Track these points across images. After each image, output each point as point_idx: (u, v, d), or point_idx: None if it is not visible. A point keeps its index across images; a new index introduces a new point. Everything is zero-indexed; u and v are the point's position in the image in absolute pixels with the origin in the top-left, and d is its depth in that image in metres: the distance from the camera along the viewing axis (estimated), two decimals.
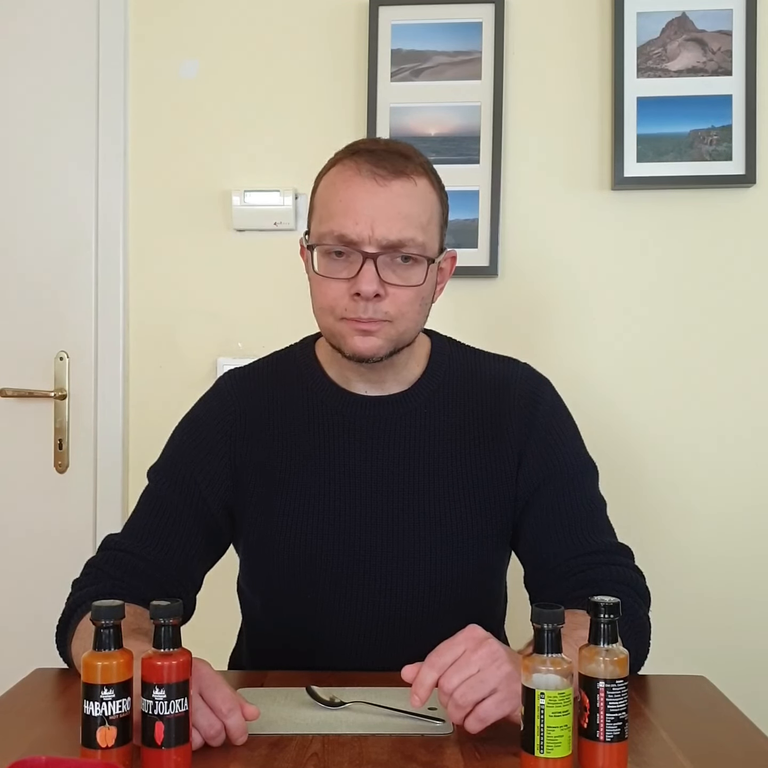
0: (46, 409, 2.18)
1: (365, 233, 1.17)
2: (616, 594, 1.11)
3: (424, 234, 1.20)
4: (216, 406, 1.33)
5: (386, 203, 1.18)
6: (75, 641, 1.16)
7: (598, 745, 0.90)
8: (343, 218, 1.18)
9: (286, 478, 1.27)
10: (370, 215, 1.17)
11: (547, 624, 0.89)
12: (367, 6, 2.06)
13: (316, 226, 1.23)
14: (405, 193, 1.19)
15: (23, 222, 2.18)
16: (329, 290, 1.20)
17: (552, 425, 1.30)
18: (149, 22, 2.13)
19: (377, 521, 1.25)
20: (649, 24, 2.01)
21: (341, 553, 1.25)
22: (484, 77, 2.04)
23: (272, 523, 1.27)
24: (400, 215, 1.18)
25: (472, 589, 1.27)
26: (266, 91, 2.11)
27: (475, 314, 2.06)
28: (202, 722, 0.95)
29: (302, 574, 1.26)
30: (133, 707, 0.90)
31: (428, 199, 1.22)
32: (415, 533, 1.25)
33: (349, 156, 1.23)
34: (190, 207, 2.13)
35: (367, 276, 1.16)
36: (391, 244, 1.17)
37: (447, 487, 1.26)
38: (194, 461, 1.30)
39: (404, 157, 1.22)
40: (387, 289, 1.18)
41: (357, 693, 1.10)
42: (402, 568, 1.25)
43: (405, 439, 1.28)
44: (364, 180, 1.19)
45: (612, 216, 2.05)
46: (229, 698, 0.97)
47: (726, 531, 2.04)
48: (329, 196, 1.22)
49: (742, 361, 2.04)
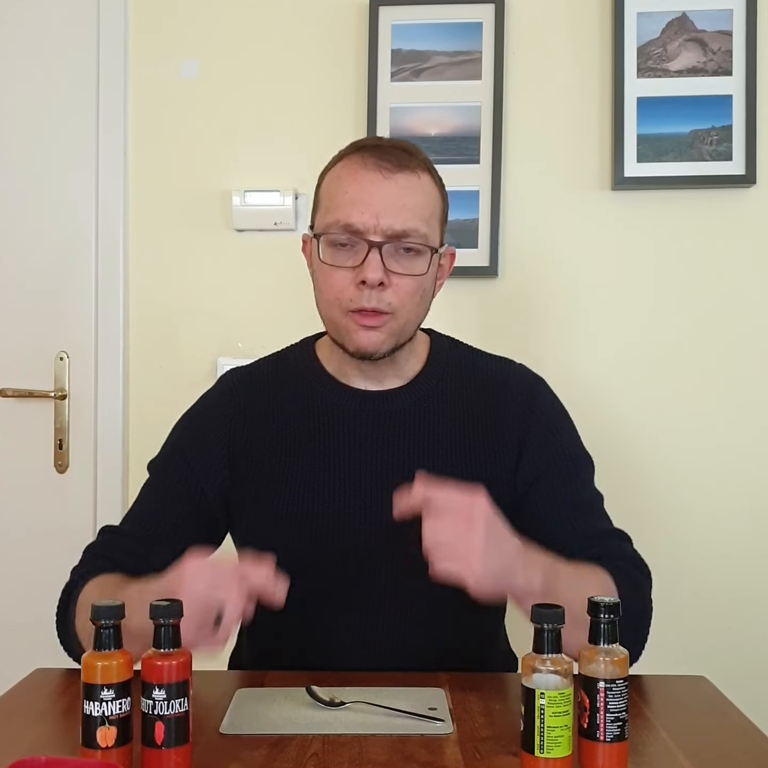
0: (46, 409, 2.18)
1: (371, 223, 1.19)
2: (617, 567, 1.15)
3: (427, 226, 1.23)
4: (216, 401, 1.35)
5: (391, 194, 1.21)
6: (79, 617, 1.18)
7: (598, 746, 0.90)
8: (349, 208, 1.21)
9: (284, 471, 1.28)
10: (376, 205, 1.20)
11: (547, 624, 0.89)
12: (367, 6, 2.06)
13: (321, 217, 1.26)
14: (409, 186, 1.22)
15: (23, 222, 2.18)
16: (335, 280, 1.22)
17: (550, 420, 1.32)
18: (150, 23, 2.13)
19: (377, 514, 1.25)
20: (650, 24, 2.01)
21: (341, 546, 1.25)
22: (484, 77, 2.04)
23: (270, 516, 1.27)
24: (405, 207, 1.21)
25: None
26: (266, 91, 2.11)
27: (474, 314, 2.06)
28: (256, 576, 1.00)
29: (301, 567, 1.26)
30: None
31: (431, 194, 1.25)
32: (413, 525, 1.25)
33: (354, 151, 1.26)
34: (190, 207, 2.13)
35: (373, 264, 1.19)
36: (396, 233, 1.20)
37: (446, 480, 1.26)
38: (192, 452, 1.32)
39: (408, 153, 1.25)
40: (391, 278, 1.20)
41: (357, 693, 1.10)
42: (400, 560, 1.25)
43: (404, 432, 1.28)
44: (369, 172, 1.22)
45: (612, 216, 2.05)
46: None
47: (725, 531, 2.04)
48: (335, 188, 1.25)
49: (742, 362, 2.03)
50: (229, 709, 1.07)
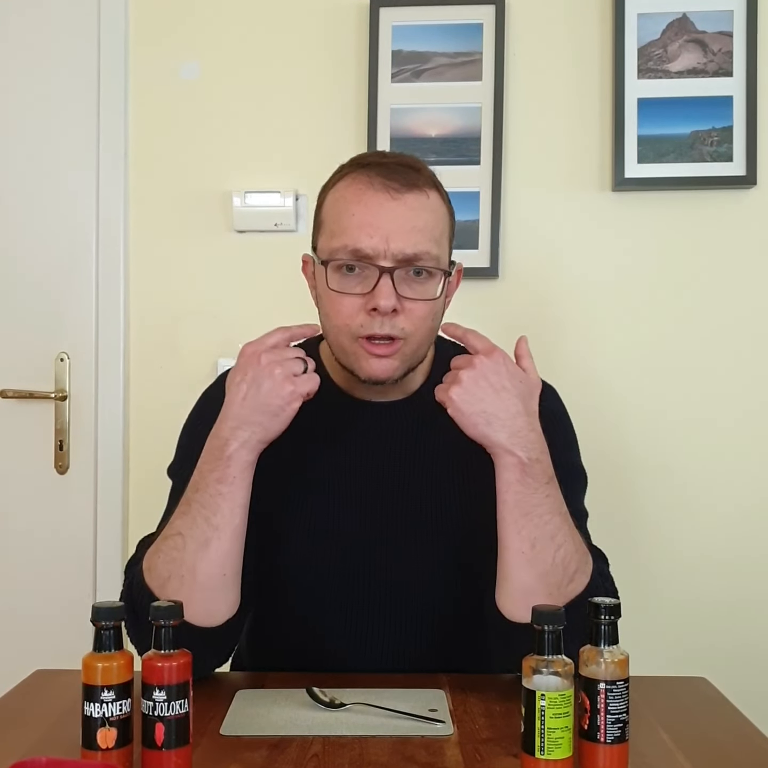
0: (46, 410, 2.18)
1: (381, 247, 1.14)
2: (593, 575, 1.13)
3: (438, 247, 1.19)
4: (218, 398, 1.31)
5: (401, 216, 1.16)
6: (147, 577, 1.14)
7: (599, 747, 0.90)
8: (357, 232, 1.15)
9: (287, 479, 1.27)
10: (385, 229, 1.15)
11: (548, 625, 0.89)
12: (367, 7, 2.06)
13: (326, 242, 1.20)
14: (419, 206, 1.18)
15: (24, 223, 2.18)
16: (343, 307, 1.17)
17: (549, 428, 1.27)
18: (150, 24, 2.13)
19: (378, 526, 1.25)
20: (650, 25, 2.01)
21: (342, 556, 1.25)
22: (484, 78, 2.04)
23: (274, 525, 1.27)
24: (415, 228, 1.16)
25: (480, 596, 1.26)
26: (267, 92, 2.11)
27: (475, 315, 2.03)
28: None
29: (302, 574, 1.26)
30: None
31: (440, 212, 1.21)
32: (415, 536, 1.25)
33: (358, 169, 1.20)
34: (191, 208, 2.13)
35: (385, 291, 1.14)
36: (407, 257, 1.15)
37: (450, 494, 1.26)
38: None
39: (415, 170, 1.20)
40: (403, 303, 1.16)
41: (357, 694, 1.10)
42: (401, 569, 1.25)
43: (407, 444, 1.27)
44: (377, 193, 1.17)
45: (613, 217, 2.05)
46: None
47: (726, 532, 2.04)
48: (340, 211, 1.19)
49: (746, 363, 2.03)
50: (229, 710, 1.07)
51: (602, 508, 1.42)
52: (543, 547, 1.09)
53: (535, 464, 1.11)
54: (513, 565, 1.11)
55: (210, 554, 1.11)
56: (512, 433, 1.10)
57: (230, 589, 1.15)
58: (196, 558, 1.11)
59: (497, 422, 1.10)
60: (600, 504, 1.38)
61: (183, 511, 1.15)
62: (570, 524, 1.13)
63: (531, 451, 1.11)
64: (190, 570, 1.11)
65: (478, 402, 1.10)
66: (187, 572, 1.11)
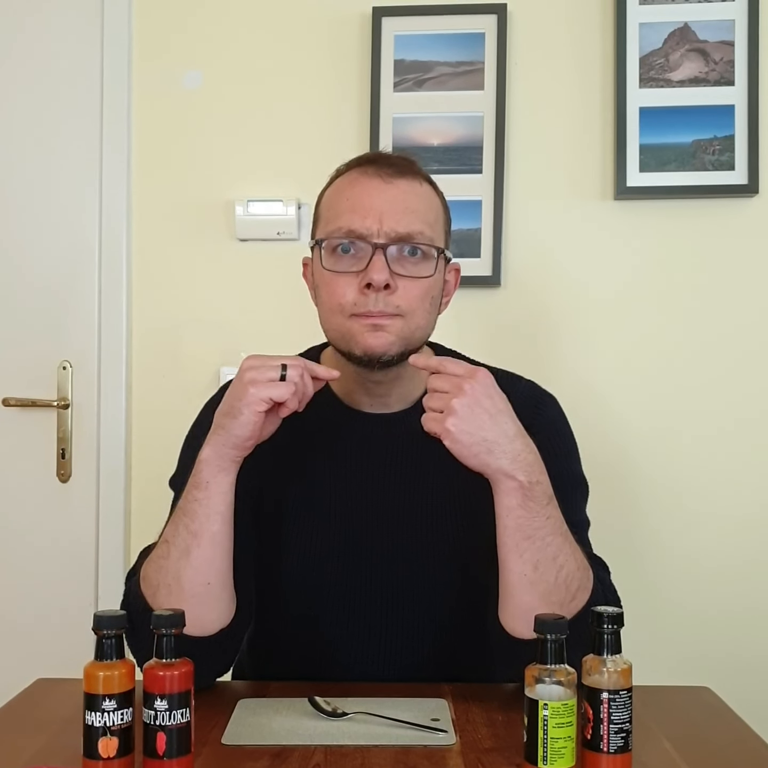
0: (48, 419, 2.18)
1: (374, 227, 1.17)
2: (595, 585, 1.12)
3: (432, 230, 1.20)
4: None
5: (393, 198, 1.19)
6: (143, 586, 1.14)
7: (602, 757, 0.89)
8: (350, 214, 1.18)
9: (287, 490, 1.27)
10: (378, 210, 1.17)
11: (551, 634, 0.88)
12: (370, 17, 2.07)
13: (322, 228, 1.23)
14: (411, 191, 1.20)
15: (27, 232, 2.18)
16: (337, 287, 1.18)
17: (549, 437, 1.25)
18: (153, 33, 2.14)
19: (378, 537, 1.24)
20: (652, 34, 2.02)
21: (345, 567, 1.24)
22: (486, 87, 2.05)
23: (272, 534, 1.26)
24: (407, 210, 1.19)
25: (482, 608, 1.25)
26: (269, 101, 2.12)
27: (478, 324, 2.06)
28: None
29: (303, 586, 1.25)
30: None
31: (433, 201, 1.24)
32: (416, 548, 1.25)
33: (353, 166, 1.24)
34: (193, 217, 2.13)
35: (378, 265, 1.15)
36: (400, 236, 1.17)
37: (451, 507, 1.26)
38: None
39: (408, 161, 1.25)
40: (397, 281, 1.17)
41: (360, 704, 1.10)
42: (406, 579, 1.24)
43: (410, 457, 1.26)
44: (370, 179, 1.20)
45: (615, 226, 2.06)
46: None
47: (730, 541, 2.03)
48: (335, 199, 1.23)
49: (747, 373, 2.03)
50: (231, 719, 1.07)
51: (603, 516, 1.42)
52: (545, 569, 1.08)
53: (536, 486, 1.09)
54: (515, 587, 1.10)
55: (191, 562, 1.11)
56: (513, 458, 1.08)
57: (219, 599, 1.14)
58: (179, 566, 1.11)
59: (498, 449, 1.08)
60: (601, 512, 1.37)
61: (170, 519, 1.15)
62: (571, 542, 1.12)
63: (531, 474, 1.09)
64: (175, 578, 1.11)
65: (478, 431, 1.07)
66: (172, 581, 1.11)
